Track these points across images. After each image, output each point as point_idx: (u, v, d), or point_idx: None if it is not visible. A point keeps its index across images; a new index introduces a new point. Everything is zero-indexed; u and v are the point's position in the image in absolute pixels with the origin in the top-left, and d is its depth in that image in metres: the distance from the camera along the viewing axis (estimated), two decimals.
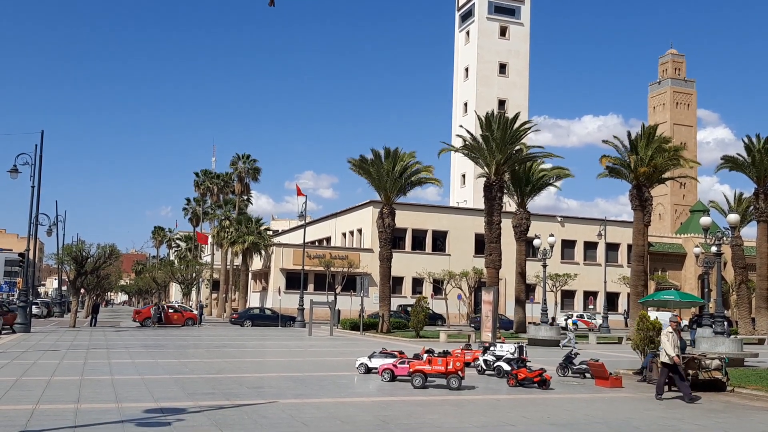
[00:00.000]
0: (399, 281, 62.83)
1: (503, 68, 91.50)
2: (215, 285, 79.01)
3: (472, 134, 43.42)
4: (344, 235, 70.67)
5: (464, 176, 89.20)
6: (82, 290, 49.62)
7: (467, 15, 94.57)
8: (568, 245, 70.14)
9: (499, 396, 15.27)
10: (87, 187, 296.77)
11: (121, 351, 24.82)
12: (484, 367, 19.23)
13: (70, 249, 45.51)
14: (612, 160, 40.44)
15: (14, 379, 15.72)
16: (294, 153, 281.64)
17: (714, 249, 25.30)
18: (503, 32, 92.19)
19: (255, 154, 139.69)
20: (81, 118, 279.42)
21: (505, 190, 44.60)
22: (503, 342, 22.07)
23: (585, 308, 67.62)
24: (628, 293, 49.80)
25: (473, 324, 48.30)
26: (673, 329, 15.47)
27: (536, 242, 39.42)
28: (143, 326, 45.58)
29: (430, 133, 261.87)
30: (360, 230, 67.00)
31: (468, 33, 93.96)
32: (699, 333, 26.71)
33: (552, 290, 59.13)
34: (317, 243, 73.66)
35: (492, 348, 20.26)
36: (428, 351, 17.68)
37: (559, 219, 70.49)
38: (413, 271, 62.82)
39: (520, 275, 46.09)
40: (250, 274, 70.70)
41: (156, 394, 13.74)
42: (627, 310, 63.86)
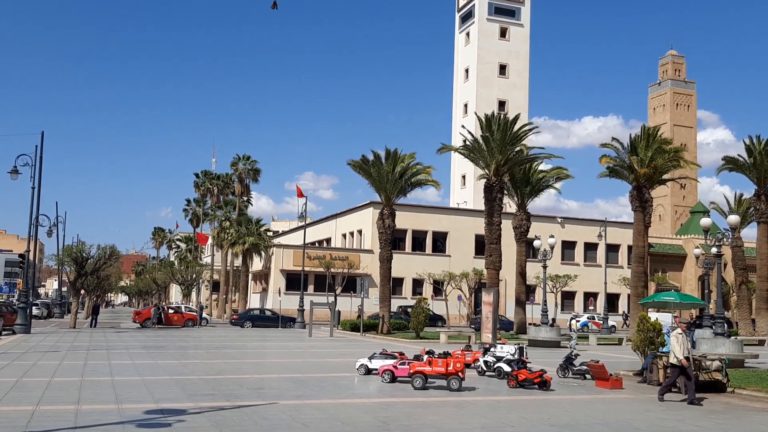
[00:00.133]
0: (399, 282, 62.84)
1: (503, 69, 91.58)
2: (215, 286, 79.05)
3: (473, 135, 43.43)
4: (344, 236, 70.69)
5: (464, 177, 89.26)
6: (83, 291, 49.66)
7: (467, 16, 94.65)
8: (569, 246, 70.15)
9: (500, 397, 15.27)
10: (87, 188, 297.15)
11: (122, 352, 24.83)
12: (485, 369, 19.23)
13: (71, 250, 45.53)
14: (612, 161, 40.47)
15: (15, 380, 15.73)
16: (294, 154, 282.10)
17: (714, 250, 25.33)
18: (503, 33, 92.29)
19: (255, 155, 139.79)
20: (81, 119, 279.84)
21: (506, 191, 44.60)
22: (503, 343, 22.06)
23: (585, 309, 67.62)
24: (629, 294, 49.84)
25: (473, 325, 48.31)
26: (683, 330, 15.23)
27: (536, 243, 39.41)
28: (143, 327, 45.60)
29: (430, 134, 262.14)
30: (360, 231, 67.02)
31: (468, 34, 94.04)
32: (699, 334, 26.69)
33: (552, 291, 59.15)
34: (317, 244, 73.66)
35: (492, 349, 20.28)
36: (428, 352, 17.68)
37: (560, 220, 70.50)
38: (413, 272, 62.83)
39: (521, 276, 46.10)
40: (250, 275, 70.70)
41: (156, 395, 13.74)
42: (626, 313, 63.95)
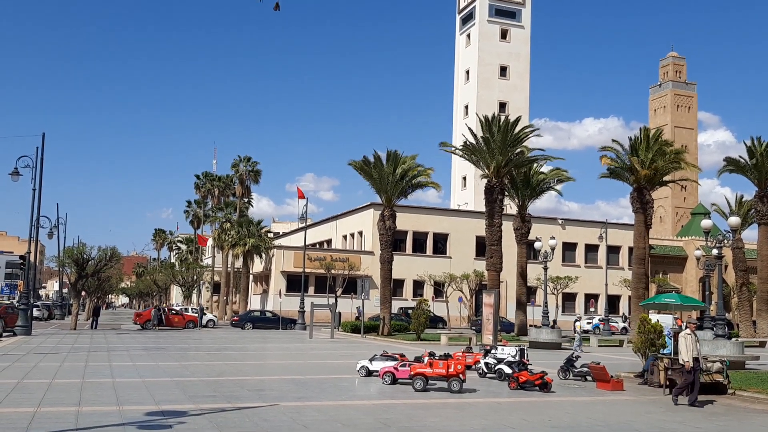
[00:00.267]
0: (400, 284, 62.82)
1: (504, 71, 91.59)
2: (216, 287, 79.08)
3: (475, 135, 43.39)
4: (345, 238, 70.70)
5: (465, 179, 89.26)
6: (83, 293, 49.67)
7: (468, 18, 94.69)
8: (569, 248, 70.15)
9: (500, 399, 15.26)
10: (88, 190, 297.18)
11: (122, 353, 24.83)
12: (485, 370, 19.22)
13: (71, 251, 45.58)
14: (613, 163, 40.44)
15: (15, 382, 15.74)
16: (295, 155, 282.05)
17: (715, 252, 25.31)
18: (504, 35, 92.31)
19: (256, 156, 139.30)
20: (82, 120, 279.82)
21: (506, 193, 44.57)
22: (504, 345, 22.06)
23: (586, 311, 67.59)
24: (629, 296, 49.81)
25: (474, 327, 48.30)
26: (692, 331, 14.97)
27: (537, 245, 39.41)
28: (144, 329, 45.60)
29: (431, 136, 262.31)
30: (361, 233, 67.02)
31: (469, 36, 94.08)
32: (700, 336, 26.66)
33: (553, 293, 59.12)
34: (318, 245, 73.67)
35: (493, 351, 20.27)
36: (429, 354, 17.68)
37: (560, 221, 70.49)
38: (414, 274, 62.83)
39: (521, 278, 46.06)
40: (251, 277, 70.71)
41: (157, 397, 13.75)
42: (625, 315, 63.91)
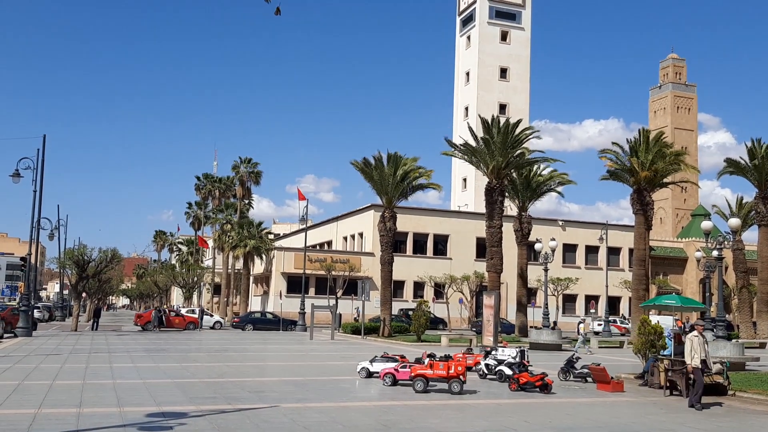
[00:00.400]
0: (400, 285, 62.84)
1: (504, 73, 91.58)
2: (217, 289, 79.05)
3: (475, 137, 43.40)
4: (345, 239, 70.71)
5: (465, 180, 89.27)
6: (84, 294, 49.65)
7: (468, 20, 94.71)
8: (570, 249, 70.15)
9: (501, 400, 15.27)
10: (88, 191, 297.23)
11: (123, 355, 24.84)
12: (486, 372, 19.22)
13: (72, 253, 45.54)
14: (613, 165, 40.46)
15: (16, 383, 15.74)
16: (295, 156, 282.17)
17: (715, 253, 25.30)
18: (504, 37, 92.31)
19: (256, 158, 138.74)
20: (82, 122, 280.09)
21: (507, 194, 44.55)
22: (505, 346, 22.08)
23: (587, 312, 67.56)
24: (630, 297, 49.80)
25: (475, 328, 48.31)
26: (700, 333, 14.81)
27: (537, 246, 39.41)
28: (144, 330, 45.60)
29: (431, 137, 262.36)
30: (361, 234, 67.03)
31: (469, 38, 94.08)
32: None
33: (553, 294, 59.06)
34: (318, 247, 73.69)
35: (493, 352, 20.28)
36: (430, 355, 17.69)
37: (561, 223, 70.48)
38: (414, 275, 62.83)
39: (522, 279, 46.07)
40: (252, 278, 70.70)
41: (158, 399, 13.76)
42: (624, 316, 63.92)
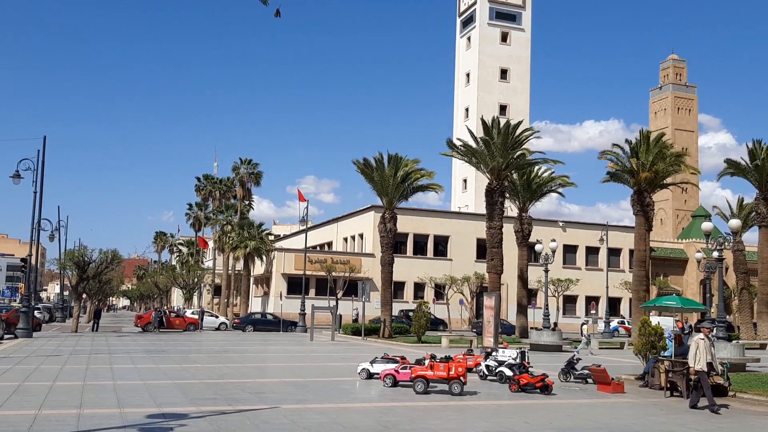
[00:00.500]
0: (400, 286, 62.83)
1: (504, 74, 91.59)
2: (217, 290, 79.05)
3: (475, 137, 43.40)
4: (346, 240, 70.72)
5: (465, 181, 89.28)
6: (84, 295, 49.61)
7: (468, 21, 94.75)
8: (570, 250, 70.14)
9: (501, 401, 15.27)
10: (89, 192, 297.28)
11: (123, 356, 24.83)
12: (486, 373, 19.21)
13: (72, 254, 45.51)
14: (614, 166, 40.46)
15: (17, 385, 15.74)
16: (296, 157, 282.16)
17: (716, 254, 25.28)
18: (504, 38, 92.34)
19: (257, 159, 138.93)
20: (83, 123, 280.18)
21: (507, 195, 44.53)
22: (505, 347, 22.09)
23: (587, 313, 67.53)
24: (630, 298, 49.77)
25: (475, 329, 48.26)
26: (705, 335, 14.68)
27: (538, 247, 39.38)
28: (145, 331, 45.59)
29: (432, 138, 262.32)
30: (361, 235, 67.02)
31: (469, 39, 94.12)
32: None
33: (554, 295, 59.04)
34: (319, 248, 73.70)
35: (494, 353, 20.28)
36: (430, 356, 17.68)
37: (561, 224, 70.46)
38: (415, 276, 62.83)
39: (522, 280, 46.03)
40: (252, 279, 70.70)
41: (158, 400, 13.76)
42: (624, 317, 63.86)
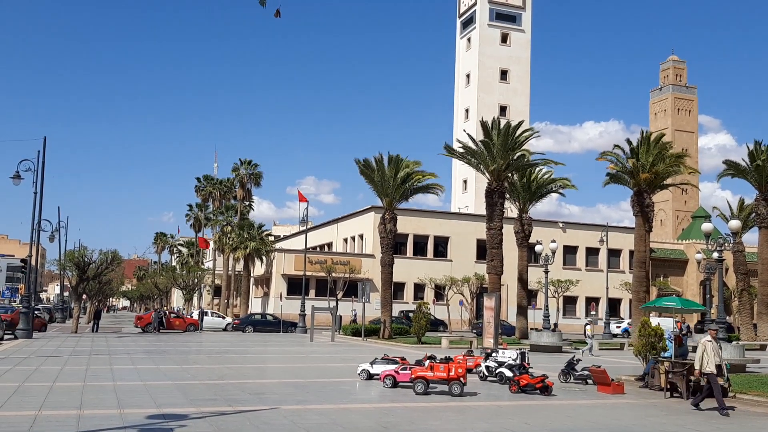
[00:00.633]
0: (400, 287, 62.79)
1: (504, 74, 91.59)
2: (217, 291, 79.06)
3: (474, 140, 43.40)
4: (346, 241, 70.71)
5: (465, 182, 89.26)
6: (84, 296, 49.61)
7: (468, 22, 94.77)
8: (570, 251, 70.12)
9: (501, 402, 15.27)
10: (89, 193, 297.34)
11: (123, 357, 24.83)
12: (486, 374, 19.21)
13: (72, 255, 45.50)
14: (614, 167, 40.45)
15: (17, 385, 15.74)
16: (296, 158, 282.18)
17: (716, 255, 25.32)
18: (504, 39, 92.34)
19: (257, 160, 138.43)
20: (83, 124, 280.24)
21: (507, 196, 44.53)
22: (505, 348, 22.09)
23: (587, 314, 67.52)
24: (630, 299, 49.77)
25: (475, 330, 48.25)
26: (713, 337, 14.62)
27: (538, 248, 39.46)
28: (145, 332, 45.60)
29: (432, 139, 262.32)
30: (361, 236, 67.01)
31: (469, 40, 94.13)
32: (700, 339, 26.63)
33: (554, 296, 59.05)
34: (319, 248, 73.68)
35: (494, 354, 20.29)
36: (430, 357, 17.69)
37: (561, 225, 70.43)
38: (415, 277, 62.81)
39: (522, 281, 45.99)
40: (252, 280, 70.71)
41: (158, 400, 13.76)
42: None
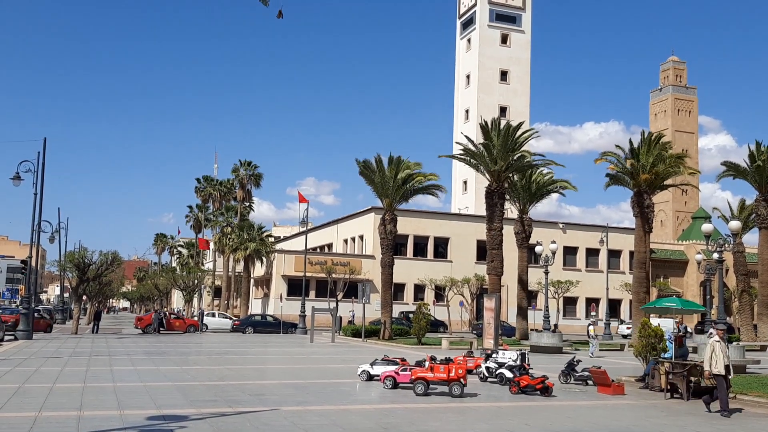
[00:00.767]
0: (401, 288, 62.77)
1: (504, 75, 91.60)
2: (217, 292, 79.05)
3: (473, 142, 43.40)
4: (346, 242, 70.70)
5: (466, 183, 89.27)
6: (84, 297, 49.61)
7: (468, 22, 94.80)
8: (570, 252, 70.10)
9: (502, 403, 15.27)
10: (89, 194, 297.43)
11: (123, 358, 24.83)
12: (487, 375, 19.21)
13: (73, 256, 45.51)
14: (614, 168, 40.45)
15: (17, 387, 15.74)
16: (296, 159, 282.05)
17: (716, 256, 25.34)
18: (504, 40, 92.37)
19: (257, 161, 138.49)
20: (83, 125, 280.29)
21: (507, 197, 44.52)
22: (505, 349, 22.09)
23: (587, 315, 67.50)
24: (630, 300, 49.76)
25: (475, 331, 48.24)
26: (721, 338, 14.54)
27: (538, 249, 39.47)
28: (145, 333, 45.60)
29: (432, 140, 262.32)
30: (362, 237, 67.00)
31: (469, 40, 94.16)
32: (701, 340, 26.67)
33: (554, 297, 59.05)
34: (319, 249, 73.69)
35: (494, 355, 20.29)
36: (430, 358, 17.67)
37: (561, 226, 70.42)
38: (415, 278, 62.79)
39: (522, 282, 46.00)
40: (252, 281, 70.70)
41: (158, 402, 13.75)
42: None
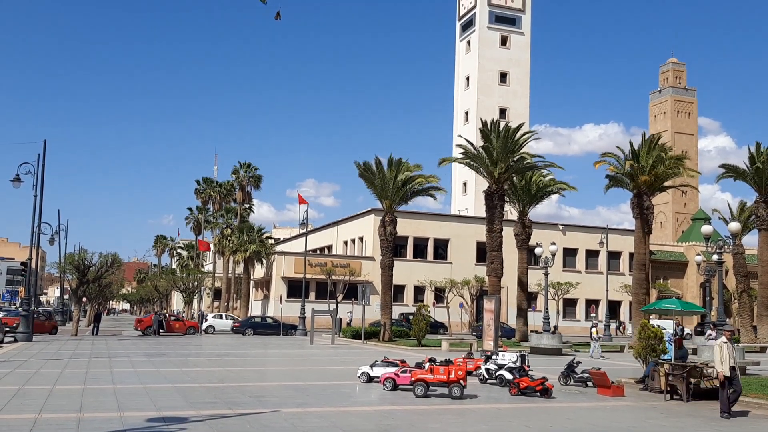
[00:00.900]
0: (400, 289, 62.78)
1: (504, 77, 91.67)
2: (217, 293, 79.05)
3: (473, 144, 43.41)
4: (345, 243, 70.71)
5: (465, 184, 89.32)
6: (84, 299, 49.61)
7: (468, 24, 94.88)
8: (570, 253, 70.12)
9: (501, 405, 15.27)
10: (89, 196, 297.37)
11: (123, 360, 24.83)
12: (486, 376, 19.21)
13: (72, 258, 45.52)
14: (614, 170, 40.50)
15: (16, 388, 15.73)
16: (296, 161, 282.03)
17: (715, 257, 25.37)
18: (504, 41, 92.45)
19: (256, 163, 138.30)
20: (83, 127, 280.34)
21: (507, 199, 44.54)
22: (505, 351, 22.08)
23: (587, 317, 67.52)
24: (630, 301, 49.77)
25: (475, 332, 48.27)
26: (728, 339, 14.50)
27: (538, 250, 39.49)
28: (145, 335, 45.59)
29: (432, 141, 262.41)
30: (361, 238, 67.02)
31: (469, 42, 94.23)
32: (700, 341, 26.68)
33: (554, 299, 59.07)
34: (319, 251, 73.68)
35: (494, 357, 20.28)
36: (430, 360, 17.69)
37: (561, 227, 70.44)
38: (415, 280, 62.81)
39: (522, 284, 46.01)
40: (252, 283, 70.70)
41: (158, 403, 13.75)
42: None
